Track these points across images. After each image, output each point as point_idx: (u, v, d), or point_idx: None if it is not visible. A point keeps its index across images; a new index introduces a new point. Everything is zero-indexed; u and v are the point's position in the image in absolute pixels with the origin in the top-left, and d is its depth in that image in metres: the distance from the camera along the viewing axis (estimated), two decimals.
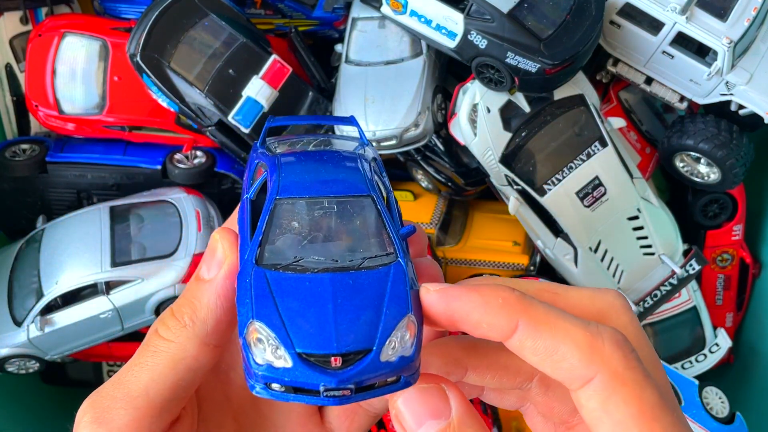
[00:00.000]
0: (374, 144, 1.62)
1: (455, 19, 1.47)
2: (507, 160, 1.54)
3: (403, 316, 0.53)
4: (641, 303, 1.63)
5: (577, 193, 1.55)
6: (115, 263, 1.52)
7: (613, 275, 1.60)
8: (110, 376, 0.80)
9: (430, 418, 0.53)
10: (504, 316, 0.51)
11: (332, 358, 0.52)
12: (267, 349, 0.53)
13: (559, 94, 1.56)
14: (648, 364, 0.51)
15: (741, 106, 1.55)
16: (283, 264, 0.57)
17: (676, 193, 1.91)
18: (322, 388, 0.51)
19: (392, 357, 0.53)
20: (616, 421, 0.49)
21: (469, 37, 1.46)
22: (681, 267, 1.60)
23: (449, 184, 1.75)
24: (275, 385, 0.53)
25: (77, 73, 1.68)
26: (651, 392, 0.50)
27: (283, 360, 0.52)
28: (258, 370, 0.52)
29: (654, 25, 1.50)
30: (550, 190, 1.55)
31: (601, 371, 0.49)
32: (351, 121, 0.70)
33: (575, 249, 1.58)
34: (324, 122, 0.73)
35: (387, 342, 0.53)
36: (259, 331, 0.53)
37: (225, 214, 1.69)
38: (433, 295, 0.54)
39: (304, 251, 0.58)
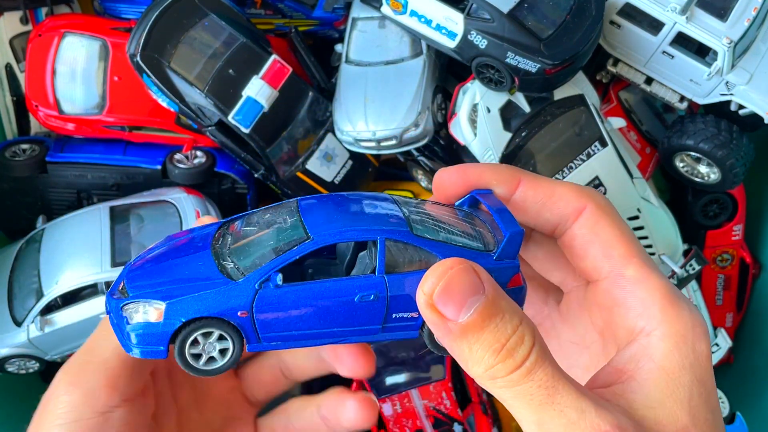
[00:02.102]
0: (374, 144, 1.62)
1: (455, 19, 1.47)
2: (507, 160, 1.53)
3: (160, 300, 0.62)
4: None
5: None
6: (115, 263, 1.52)
7: None
8: None
9: (471, 296, 0.53)
10: (509, 174, 0.67)
11: (124, 280, 0.66)
12: (146, 253, 0.71)
13: (559, 94, 1.56)
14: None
15: (741, 106, 1.55)
16: (218, 244, 0.69)
17: (676, 193, 1.90)
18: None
19: (134, 319, 0.62)
20: (603, 241, 0.63)
21: (469, 37, 1.46)
22: (681, 267, 1.60)
23: None
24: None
25: (77, 73, 1.68)
26: (626, 224, 0.64)
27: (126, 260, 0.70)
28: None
29: (654, 25, 1.50)
30: None
31: (590, 203, 0.64)
32: (513, 247, 0.64)
33: None
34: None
35: (134, 303, 0.63)
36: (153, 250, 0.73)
37: (225, 214, 1.69)
38: (450, 169, 0.68)
39: (235, 243, 0.68)
